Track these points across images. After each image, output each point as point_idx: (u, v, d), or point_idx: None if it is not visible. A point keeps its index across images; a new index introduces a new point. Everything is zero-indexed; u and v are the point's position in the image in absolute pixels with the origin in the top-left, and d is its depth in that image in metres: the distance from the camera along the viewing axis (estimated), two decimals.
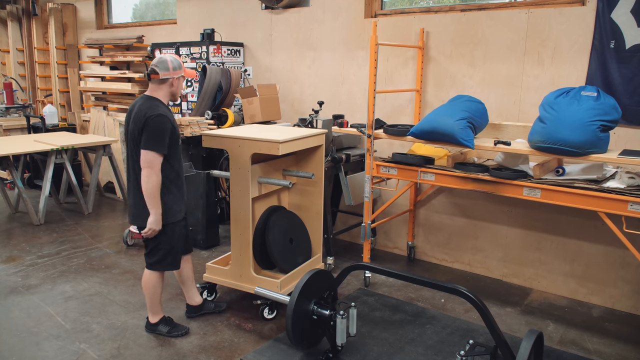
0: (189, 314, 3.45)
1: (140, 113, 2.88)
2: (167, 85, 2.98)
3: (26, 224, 5.36)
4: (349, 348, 3.06)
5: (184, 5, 6.02)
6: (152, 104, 2.93)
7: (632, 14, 3.35)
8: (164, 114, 2.88)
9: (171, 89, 3.01)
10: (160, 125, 2.85)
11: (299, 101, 5.17)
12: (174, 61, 2.98)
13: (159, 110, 2.89)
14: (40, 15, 7.56)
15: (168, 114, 2.94)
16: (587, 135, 2.93)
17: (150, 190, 2.87)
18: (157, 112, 2.86)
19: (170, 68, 2.95)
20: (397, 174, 3.76)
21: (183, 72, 3.03)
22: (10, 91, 7.14)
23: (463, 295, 2.64)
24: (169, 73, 2.95)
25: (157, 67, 2.94)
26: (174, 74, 2.97)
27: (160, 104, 2.96)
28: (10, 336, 3.19)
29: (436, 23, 4.20)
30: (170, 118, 2.93)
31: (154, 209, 2.90)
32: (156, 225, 2.92)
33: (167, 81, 2.97)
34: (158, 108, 2.90)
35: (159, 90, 2.98)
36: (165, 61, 2.95)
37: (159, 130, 2.85)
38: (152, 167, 2.85)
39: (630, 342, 3.27)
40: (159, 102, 2.96)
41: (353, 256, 4.63)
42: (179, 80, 3.03)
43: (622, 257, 3.62)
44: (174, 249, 3.11)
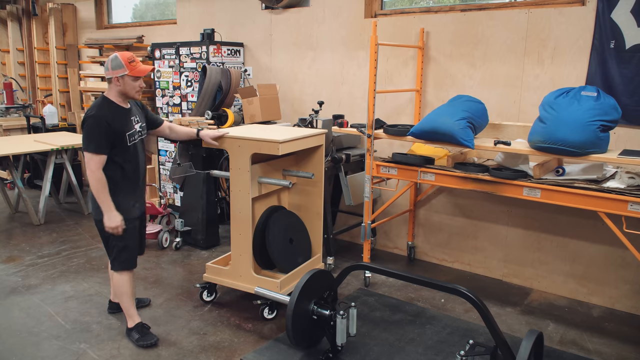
0: (111, 310, 3.47)
1: None
2: (113, 85, 2.96)
3: (26, 224, 5.36)
4: (349, 348, 3.06)
5: (184, 5, 6.02)
6: (95, 103, 2.96)
7: (632, 14, 3.35)
8: (97, 115, 2.87)
9: (117, 88, 2.96)
10: (91, 126, 2.86)
11: (299, 101, 5.17)
12: (114, 60, 2.92)
13: (94, 110, 2.89)
14: (40, 15, 7.55)
15: (105, 115, 2.89)
16: (587, 135, 2.93)
17: (93, 189, 2.89)
18: (91, 113, 2.88)
19: (110, 67, 2.93)
20: (397, 174, 3.76)
21: (126, 70, 2.92)
22: (10, 91, 7.14)
23: (463, 295, 2.64)
24: (109, 72, 2.94)
25: (104, 66, 2.99)
26: (114, 74, 2.92)
27: (103, 103, 2.95)
28: (10, 336, 3.19)
29: (436, 23, 4.20)
30: (106, 118, 2.87)
31: (103, 207, 2.91)
32: (109, 222, 2.92)
33: (111, 80, 2.95)
34: (96, 108, 2.90)
35: (110, 90, 2.99)
36: (108, 61, 2.94)
37: (89, 131, 2.86)
38: (89, 168, 2.87)
39: (630, 342, 3.27)
40: (103, 101, 2.96)
41: (353, 256, 4.63)
42: (124, 79, 2.93)
43: (622, 257, 3.62)
44: (127, 247, 3.08)
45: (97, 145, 2.86)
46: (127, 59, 2.93)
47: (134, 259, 3.17)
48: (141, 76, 2.99)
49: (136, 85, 2.99)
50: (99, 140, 2.86)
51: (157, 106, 5.87)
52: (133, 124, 3.04)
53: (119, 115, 2.98)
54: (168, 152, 5.84)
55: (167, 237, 4.75)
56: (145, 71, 3.01)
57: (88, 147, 2.86)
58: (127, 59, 2.93)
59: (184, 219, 4.73)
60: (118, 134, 2.93)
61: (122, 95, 3.00)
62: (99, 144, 2.86)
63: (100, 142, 2.86)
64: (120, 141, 2.95)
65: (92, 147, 2.85)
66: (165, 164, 5.90)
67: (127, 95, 3.01)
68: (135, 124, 3.06)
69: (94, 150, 2.86)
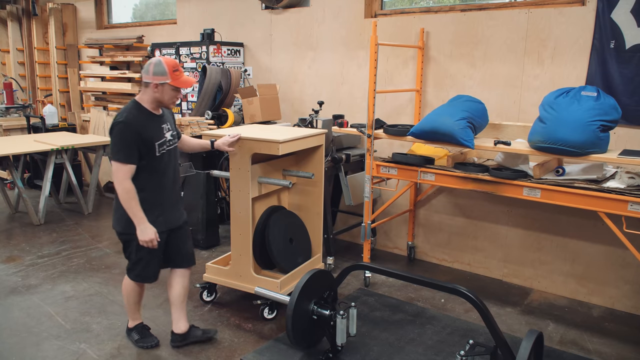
0: (174, 343, 3.10)
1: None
2: (149, 90, 2.74)
3: (26, 224, 5.36)
4: (349, 348, 3.06)
5: (184, 5, 6.02)
6: (125, 108, 2.75)
7: (632, 14, 3.35)
8: (126, 122, 2.67)
9: (154, 94, 2.74)
10: (121, 134, 2.66)
11: (299, 101, 5.17)
12: (158, 65, 2.71)
13: (123, 116, 2.69)
14: (40, 15, 7.55)
15: (135, 122, 2.69)
16: (587, 135, 2.93)
17: (122, 201, 2.70)
18: (120, 119, 2.67)
19: (151, 72, 2.71)
20: (397, 174, 3.76)
21: (169, 79, 2.71)
22: (10, 91, 7.14)
23: (463, 295, 2.64)
24: (149, 77, 2.72)
25: (143, 68, 2.78)
26: (154, 80, 2.71)
27: (134, 108, 2.75)
28: (10, 336, 3.19)
29: (436, 23, 4.20)
30: (136, 126, 2.68)
31: (135, 219, 2.72)
32: (142, 235, 2.72)
33: (148, 85, 2.74)
34: (125, 113, 2.70)
35: (144, 94, 2.78)
36: (149, 64, 2.73)
37: (118, 139, 2.67)
38: (116, 178, 2.68)
39: (630, 342, 3.27)
40: (134, 106, 2.76)
41: (353, 256, 4.63)
42: (164, 87, 2.72)
43: (622, 257, 3.62)
44: (142, 262, 2.89)
45: (126, 154, 2.66)
46: (172, 67, 2.72)
47: (149, 275, 2.95)
48: (182, 87, 2.82)
49: (175, 95, 2.79)
50: (129, 149, 2.66)
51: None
52: (164, 132, 2.83)
53: (150, 122, 2.77)
54: None
55: None
56: (188, 84, 2.82)
57: (116, 155, 2.67)
58: (172, 67, 2.72)
59: None
60: (147, 143, 2.72)
61: (156, 103, 2.79)
62: (128, 154, 2.66)
63: (130, 152, 2.67)
64: (149, 151, 2.74)
65: (120, 156, 2.66)
66: None
67: (163, 104, 2.81)
68: (166, 133, 2.85)
69: (123, 160, 2.66)
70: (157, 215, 2.84)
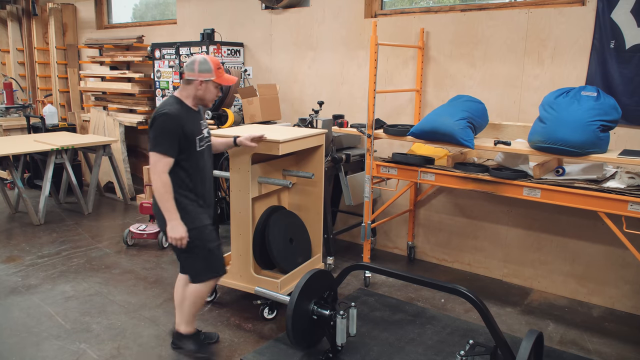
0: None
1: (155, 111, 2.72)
2: (191, 88, 2.76)
3: (26, 224, 5.36)
4: (349, 348, 3.06)
5: (184, 5, 6.02)
6: (166, 102, 2.74)
7: (632, 14, 3.35)
8: (170, 113, 2.64)
9: (197, 92, 2.76)
10: (163, 125, 2.63)
11: (299, 101, 5.17)
12: (203, 63, 2.74)
13: (166, 108, 2.66)
14: (40, 15, 7.56)
15: (179, 115, 2.68)
16: (587, 135, 2.93)
17: (157, 194, 2.64)
18: (164, 111, 2.65)
19: (196, 70, 2.73)
20: (397, 174, 3.76)
21: (213, 76, 2.75)
22: (10, 91, 7.15)
23: (463, 295, 2.64)
24: (194, 75, 2.73)
25: (186, 66, 2.77)
26: (199, 77, 2.73)
27: (175, 103, 2.74)
28: (10, 336, 3.19)
29: (436, 23, 4.20)
30: (180, 119, 2.66)
31: (167, 215, 2.66)
32: (173, 232, 2.66)
33: (192, 83, 2.75)
34: (168, 106, 2.69)
35: (184, 90, 2.78)
36: (194, 62, 2.75)
37: (161, 130, 2.63)
38: (155, 171, 2.62)
39: (630, 342, 3.27)
40: (175, 101, 2.75)
41: (353, 256, 4.63)
42: (207, 84, 2.76)
43: (622, 257, 3.62)
44: (211, 253, 2.82)
45: (167, 146, 2.62)
46: (216, 65, 2.76)
47: (221, 264, 2.89)
48: (225, 85, 2.82)
49: (216, 93, 2.82)
50: (170, 141, 2.63)
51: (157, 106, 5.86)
52: (202, 128, 2.84)
53: (191, 117, 2.77)
54: None
55: None
56: (231, 81, 2.86)
57: (157, 147, 2.62)
58: (216, 65, 2.76)
59: None
60: (189, 137, 2.71)
61: (197, 100, 2.80)
62: (169, 146, 2.63)
63: (171, 144, 2.63)
64: (190, 145, 2.72)
65: (161, 148, 2.62)
66: None
67: (204, 101, 2.82)
68: (204, 129, 2.86)
69: (163, 152, 2.62)
70: (202, 210, 2.82)
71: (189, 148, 2.72)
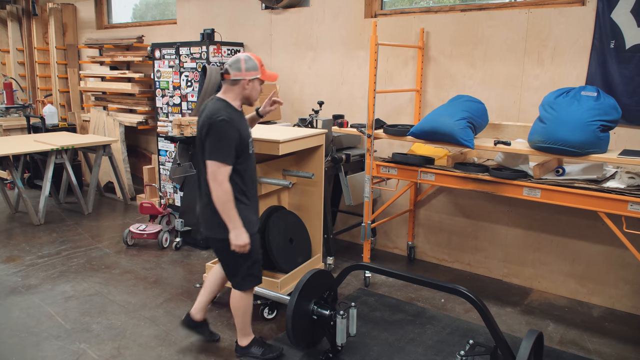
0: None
1: (206, 117, 2.62)
2: (238, 88, 2.68)
3: (26, 224, 5.36)
4: (349, 348, 3.06)
5: (184, 5, 6.02)
6: (218, 106, 2.64)
7: (632, 14, 3.35)
8: (228, 119, 2.57)
9: (244, 92, 2.70)
10: (222, 132, 2.56)
11: (299, 101, 5.17)
12: (249, 61, 2.67)
13: (222, 114, 2.58)
14: (40, 15, 7.56)
15: (235, 119, 2.63)
16: (587, 135, 2.93)
17: (219, 204, 2.59)
18: (222, 117, 2.56)
19: (243, 68, 2.65)
20: (397, 174, 3.76)
21: (260, 73, 2.70)
22: (10, 91, 7.15)
23: (463, 295, 2.64)
24: (241, 74, 2.65)
25: (230, 66, 2.67)
26: (247, 75, 2.66)
27: (227, 106, 2.66)
28: (10, 336, 3.19)
29: (436, 23, 4.20)
30: (236, 124, 2.62)
31: (230, 223, 2.62)
32: (238, 240, 2.63)
33: (238, 82, 2.67)
34: (223, 112, 2.60)
35: (230, 92, 2.70)
36: (239, 60, 2.66)
37: (220, 137, 2.56)
38: (216, 179, 2.56)
39: (630, 342, 3.27)
40: (226, 105, 2.67)
41: (353, 256, 4.63)
42: (254, 83, 2.70)
43: (622, 257, 3.62)
44: (256, 262, 2.84)
45: (227, 154, 2.57)
46: (259, 62, 2.71)
47: (260, 274, 2.92)
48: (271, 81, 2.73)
49: (259, 91, 2.76)
50: (230, 148, 2.58)
51: (157, 106, 5.87)
52: (249, 129, 2.81)
53: (242, 120, 2.74)
54: (168, 152, 5.84)
55: (167, 237, 4.75)
56: (275, 77, 2.82)
57: (216, 155, 2.56)
58: (259, 62, 2.71)
59: (184, 219, 4.72)
60: (244, 141, 2.67)
61: (244, 100, 2.74)
62: (229, 153, 2.58)
63: (230, 151, 2.58)
64: (244, 149, 2.68)
65: (220, 156, 2.56)
66: (165, 164, 5.90)
67: (250, 100, 2.76)
68: (249, 129, 2.82)
69: (223, 160, 2.56)
70: (255, 216, 2.80)
71: (243, 152, 2.68)
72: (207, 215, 2.72)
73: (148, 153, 6.83)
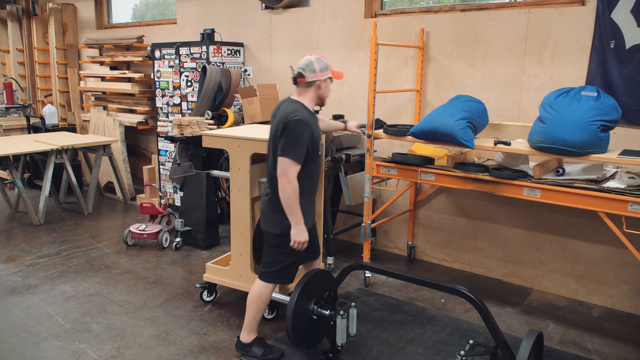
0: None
1: (281, 116, 2.71)
2: (313, 89, 2.79)
3: (26, 224, 5.36)
4: (349, 348, 3.06)
5: (184, 5, 6.02)
6: (295, 107, 2.73)
7: (632, 14, 3.35)
8: (303, 120, 2.67)
9: (318, 92, 2.80)
10: (299, 131, 2.65)
11: None
12: (320, 62, 2.79)
13: (298, 114, 2.67)
14: (40, 15, 7.56)
15: (310, 120, 2.72)
16: (587, 135, 2.93)
17: (285, 200, 2.68)
18: (297, 117, 2.66)
19: (317, 69, 2.76)
20: (397, 174, 3.76)
21: (330, 73, 2.82)
22: (10, 91, 7.15)
23: (463, 295, 2.64)
24: (316, 75, 2.76)
25: (303, 69, 2.77)
26: (321, 76, 2.77)
27: (303, 108, 2.75)
28: (10, 336, 3.19)
29: (436, 23, 4.20)
30: (311, 125, 2.71)
31: (293, 220, 2.71)
32: (299, 236, 2.72)
33: (313, 84, 2.78)
34: (298, 112, 2.69)
35: (305, 93, 2.80)
36: (311, 62, 2.77)
37: (295, 136, 2.65)
38: (286, 176, 2.65)
39: (630, 342, 3.27)
40: (302, 106, 2.76)
41: (353, 256, 4.63)
42: (327, 82, 2.82)
43: (622, 257, 3.62)
44: (295, 263, 2.92)
45: (299, 153, 2.66)
46: (327, 61, 2.82)
47: (293, 275, 2.99)
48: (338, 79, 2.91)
49: (330, 89, 2.87)
50: (302, 148, 2.67)
51: (157, 106, 5.87)
52: (320, 131, 2.89)
53: (315, 121, 2.82)
54: (168, 152, 5.84)
55: (167, 237, 4.75)
56: (341, 75, 2.93)
57: (289, 153, 2.64)
58: (327, 61, 2.82)
59: (184, 219, 4.73)
60: (315, 142, 2.77)
61: (317, 100, 2.84)
62: (301, 152, 2.67)
63: (302, 150, 2.67)
64: (314, 149, 2.78)
65: (293, 155, 2.65)
66: (165, 164, 5.91)
67: (322, 100, 2.85)
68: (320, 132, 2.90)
69: (295, 158, 2.65)
70: (307, 216, 2.85)
71: (312, 152, 2.76)
72: (266, 209, 2.87)
73: (148, 153, 6.83)
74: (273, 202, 2.80)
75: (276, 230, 2.83)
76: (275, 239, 2.85)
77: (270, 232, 2.87)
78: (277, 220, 2.80)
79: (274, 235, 2.86)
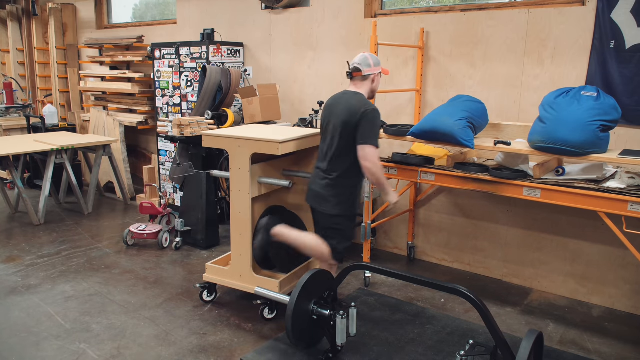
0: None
1: (353, 107, 2.95)
2: (368, 82, 3.08)
3: (26, 224, 5.36)
4: (349, 348, 3.06)
5: (184, 5, 6.02)
6: (362, 98, 3.02)
7: (632, 14, 3.35)
8: (377, 110, 2.97)
9: (372, 85, 3.10)
10: (374, 120, 2.94)
11: (299, 101, 5.17)
12: (374, 57, 3.08)
13: (370, 105, 2.97)
14: (40, 15, 7.56)
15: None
16: (587, 135, 2.93)
17: (377, 177, 2.97)
18: (372, 107, 2.95)
19: (372, 64, 3.05)
20: (397, 174, 3.76)
21: (381, 68, 3.12)
22: (10, 91, 7.14)
23: (463, 295, 2.64)
24: (371, 69, 3.05)
25: (359, 64, 3.04)
26: (375, 70, 3.07)
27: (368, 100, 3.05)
28: (10, 336, 3.19)
29: (436, 23, 4.20)
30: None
31: (386, 188, 3.04)
32: (394, 198, 3.08)
33: (368, 78, 3.07)
34: (369, 103, 2.99)
35: (362, 87, 3.08)
36: (367, 58, 3.05)
37: (374, 124, 2.94)
38: (372, 160, 2.93)
39: (630, 342, 3.27)
40: (366, 98, 3.05)
41: (353, 256, 4.63)
42: (378, 76, 3.12)
43: (622, 257, 3.62)
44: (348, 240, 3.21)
45: (377, 139, 2.97)
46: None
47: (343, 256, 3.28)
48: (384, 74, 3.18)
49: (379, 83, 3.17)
50: (378, 134, 2.98)
51: (157, 106, 5.87)
52: None
53: None
54: (168, 152, 5.84)
55: (167, 237, 4.75)
56: (388, 72, 3.22)
57: (372, 139, 2.93)
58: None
59: (184, 219, 4.73)
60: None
61: (371, 93, 3.13)
62: (377, 138, 2.98)
63: (378, 137, 2.98)
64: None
65: (374, 141, 2.94)
66: (165, 164, 5.91)
67: (373, 92, 3.15)
68: None
69: (375, 144, 2.95)
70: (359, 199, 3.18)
71: None
72: (324, 193, 3.09)
73: (148, 153, 6.83)
74: (332, 186, 3.06)
75: (337, 211, 3.08)
76: (337, 219, 3.10)
77: (327, 214, 3.10)
78: (339, 202, 3.07)
79: (335, 216, 3.09)
